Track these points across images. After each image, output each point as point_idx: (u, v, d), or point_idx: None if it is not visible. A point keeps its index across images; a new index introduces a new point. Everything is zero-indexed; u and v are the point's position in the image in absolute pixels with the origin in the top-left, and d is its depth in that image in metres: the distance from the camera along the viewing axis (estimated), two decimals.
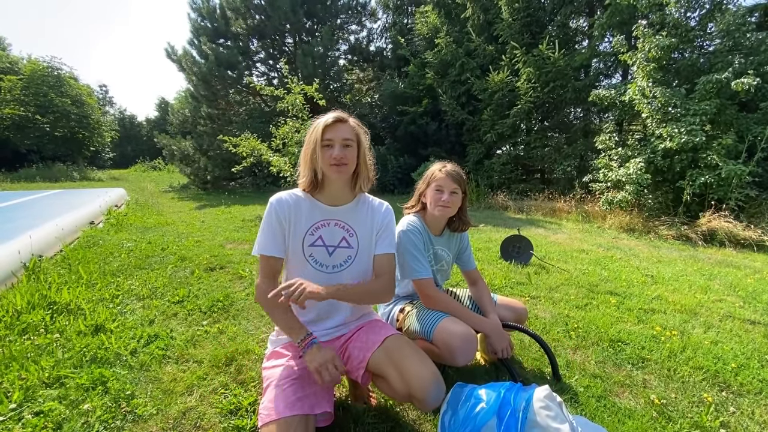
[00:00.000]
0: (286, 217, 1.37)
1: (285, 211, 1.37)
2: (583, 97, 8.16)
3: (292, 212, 1.38)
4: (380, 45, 16.20)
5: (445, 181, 1.72)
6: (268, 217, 1.38)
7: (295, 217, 1.39)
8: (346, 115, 1.37)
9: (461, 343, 1.49)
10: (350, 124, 1.37)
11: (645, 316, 2.71)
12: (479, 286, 1.96)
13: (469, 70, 10.17)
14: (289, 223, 1.38)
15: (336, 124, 1.33)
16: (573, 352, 2.18)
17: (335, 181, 1.38)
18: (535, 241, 5.26)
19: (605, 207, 6.62)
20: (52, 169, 18.09)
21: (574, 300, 2.98)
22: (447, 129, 11.34)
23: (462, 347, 1.49)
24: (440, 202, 1.72)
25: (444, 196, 1.71)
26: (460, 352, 1.49)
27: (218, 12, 13.60)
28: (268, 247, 1.36)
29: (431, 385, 1.23)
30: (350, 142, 1.34)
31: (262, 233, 1.37)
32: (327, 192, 1.42)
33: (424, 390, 1.22)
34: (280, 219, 1.37)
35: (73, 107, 20.79)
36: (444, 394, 1.28)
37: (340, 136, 1.32)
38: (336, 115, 1.34)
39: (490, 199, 9.34)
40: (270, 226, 1.37)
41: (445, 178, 1.72)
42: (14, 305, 2.28)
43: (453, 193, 1.73)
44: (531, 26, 9.35)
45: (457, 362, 1.51)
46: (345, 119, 1.36)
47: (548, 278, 3.53)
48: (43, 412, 1.46)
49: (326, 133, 1.32)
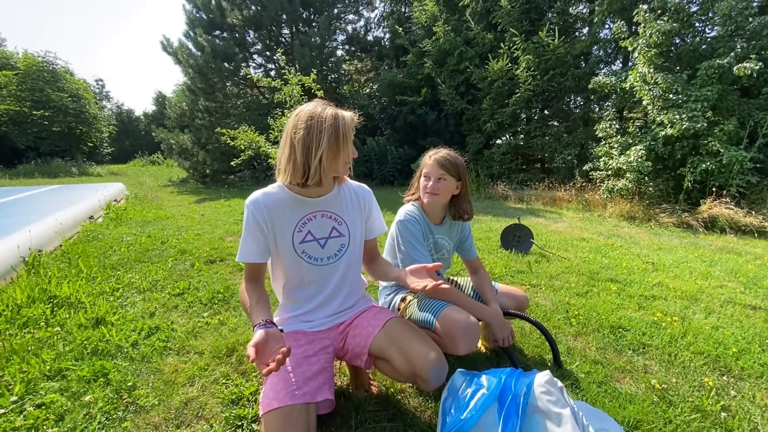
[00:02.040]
0: (265, 219, 1.31)
1: (263, 213, 1.31)
2: (583, 85, 8.08)
3: (272, 213, 1.33)
4: (378, 35, 16.04)
5: (432, 168, 1.71)
6: (246, 222, 1.32)
7: (278, 217, 1.33)
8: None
9: (463, 332, 1.49)
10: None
11: (646, 303, 2.71)
12: (480, 275, 1.95)
13: (468, 59, 10.06)
14: (271, 225, 1.32)
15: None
16: (574, 338, 2.18)
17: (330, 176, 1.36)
18: (535, 230, 5.26)
19: (606, 195, 6.61)
20: (51, 164, 18.02)
21: (574, 288, 2.98)
22: (446, 119, 11.26)
23: (464, 336, 1.48)
24: (427, 189, 1.71)
25: (430, 183, 1.70)
26: (463, 340, 1.48)
27: (213, 3, 13.39)
28: (250, 255, 1.32)
29: (435, 364, 1.25)
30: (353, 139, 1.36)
31: (243, 240, 1.32)
32: (311, 186, 1.34)
33: (428, 369, 1.24)
34: (259, 222, 1.31)
35: (70, 102, 20.65)
36: (446, 374, 1.29)
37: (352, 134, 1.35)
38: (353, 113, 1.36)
39: (490, 189, 9.31)
40: (249, 232, 1.32)
41: (432, 164, 1.71)
42: (14, 299, 2.28)
43: (440, 179, 1.70)
44: (530, 13, 9.23)
45: (459, 351, 1.50)
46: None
47: (549, 266, 3.53)
48: (44, 404, 1.46)
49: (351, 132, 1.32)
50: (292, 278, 1.43)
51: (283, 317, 1.47)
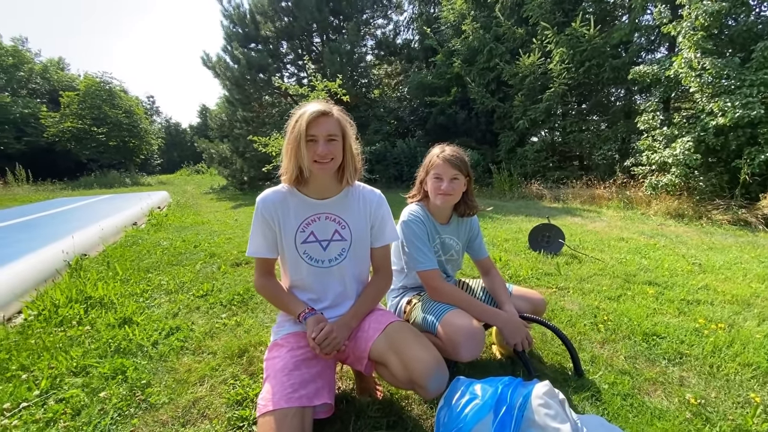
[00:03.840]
0: (273, 216, 1.35)
1: (270, 210, 1.35)
2: (623, 75, 7.59)
3: (279, 211, 1.36)
4: (407, 37, 16.02)
5: (444, 168, 1.62)
6: (255, 218, 1.37)
7: (283, 215, 1.36)
8: (329, 107, 1.31)
9: (465, 338, 1.41)
10: (335, 117, 1.31)
11: (687, 308, 2.47)
12: (492, 276, 1.85)
13: (498, 56, 9.79)
14: (278, 222, 1.36)
15: (319, 118, 1.26)
16: (600, 346, 2.02)
17: (320, 176, 1.34)
18: (569, 230, 5.00)
19: (649, 192, 6.16)
20: (108, 176, 19.58)
21: (606, 291, 2.77)
22: (477, 117, 11.01)
23: (466, 342, 1.41)
24: (440, 191, 1.63)
25: (443, 185, 1.62)
26: (465, 346, 1.41)
27: (248, 17, 13.99)
28: (259, 250, 1.38)
29: (433, 371, 1.19)
30: (335, 137, 1.29)
31: (252, 235, 1.38)
32: (313, 186, 1.38)
33: (425, 376, 1.18)
34: (267, 219, 1.35)
35: (123, 117, 22.32)
36: (446, 382, 1.23)
37: (324, 131, 1.26)
38: (319, 109, 1.26)
39: (523, 188, 8.99)
40: (258, 228, 1.37)
41: (443, 164, 1.62)
42: (53, 300, 2.46)
43: (453, 179, 1.63)
44: (563, 4, 8.82)
45: (461, 357, 1.43)
46: (329, 112, 1.29)
47: (580, 268, 3.32)
48: (65, 399, 1.56)
49: (310, 128, 1.25)
50: (294, 279, 1.44)
51: (286, 318, 1.47)
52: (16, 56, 22.53)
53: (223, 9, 14.22)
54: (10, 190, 13.63)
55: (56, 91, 23.12)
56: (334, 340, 1.27)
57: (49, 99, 23.24)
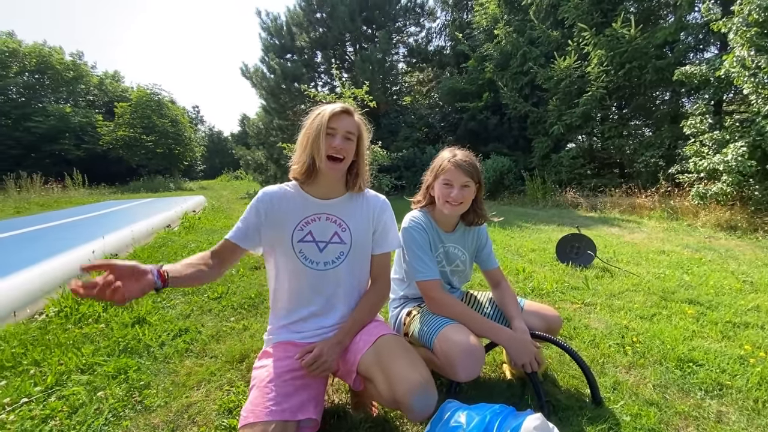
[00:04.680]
0: (266, 209, 1.32)
1: (266, 204, 1.32)
2: (667, 77, 7.09)
3: (276, 206, 1.33)
4: (439, 44, 15.96)
5: (455, 174, 1.51)
6: (250, 207, 1.34)
7: (281, 211, 1.33)
8: (353, 108, 1.34)
9: (462, 355, 1.30)
10: (355, 119, 1.33)
11: (733, 332, 2.20)
12: (502, 289, 1.72)
13: (532, 59, 9.49)
14: (268, 216, 1.31)
15: (342, 114, 1.29)
16: (626, 370, 1.82)
17: (328, 175, 1.31)
18: (604, 241, 4.69)
19: (696, 201, 5.66)
20: (154, 181, 20.88)
21: (638, 308, 2.53)
22: (509, 123, 10.71)
23: (463, 360, 1.30)
24: (449, 199, 1.52)
25: (453, 192, 1.51)
26: (461, 365, 1.30)
27: (284, 29, 14.50)
28: (235, 236, 1.30)
29: (417, 391, 1.09)
30: (352, 136, 1.30)
31: (240, 221, 1.33)
32: (318, 185, 1.35)
33: (409, 395, 1.09)
34: (259, 211, 1.32)
35: (170, 126, 23.73)
36: (434, 404, 1.12)
37: (344, 127, 1.28)
38: (344, 106, 1.30)
39: (558, 196, 8.59)
40: (246, 218, 1.32)
41: (454, 170, 1.51)
42: (75, 297, 2.57)
43: (464, 187, 1.52)
44: (602, 4, 8.41)
45: (458, 376, 1.32)
46: (352, 112, 1.32)
47: (611, 283, 3.07)
48: (66, 396, 1.59)
49: (332, 121, 1.27)
50: (287, 280, 1.37)
51: (275, 326, 1.42)
52: (76, 70, 24.57)
53: (261, 22, 14.82)
54: (67, 193, 14.77)
55: (112, 102, 25.02)
56: (323, 364, 1.21)
57: (105, 110, 25.14)
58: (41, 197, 12.99)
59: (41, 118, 20.71)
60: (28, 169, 15.44)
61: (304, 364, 1.20)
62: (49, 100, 22.79)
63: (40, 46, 22.72)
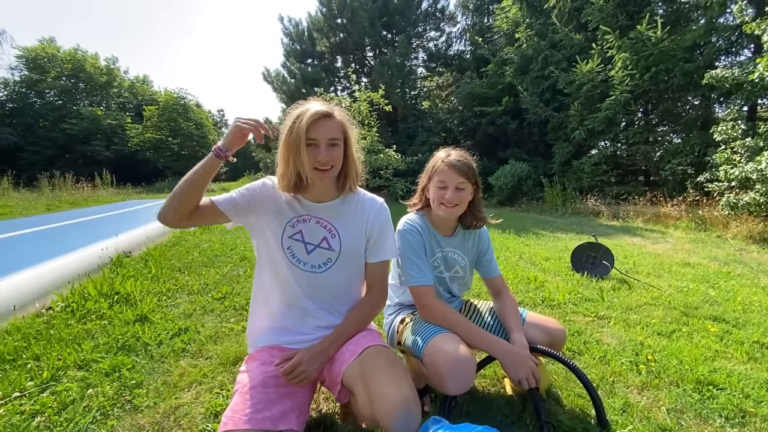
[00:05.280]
0: (264, 196, 1.27)
1: (267, 191, 1.27)
2: (696, 81, 6.78)
3: (274, 198, 1.28)
4: (459, 48, 15.87)
5: (449, 175, 1.44)
6: (249, 186, 1.28)
7: (277, 204, 1.28)
8: (331, 108, 1.20)
9: (451, 367, 1.23)
10: (336, 120, 1.21)
11: (760, 353, 2.03)
12: (503, 298, 1.62)
13: (554, 63, 9.27)
14: (263, 203, 1.27)
15: (320, 120, 1.15)
16: (638, 391, 1.70)
17: (318, 183, 1.24)
18: (624, 251, 4.49)
19: (726, 212, 5.35)
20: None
21: (656, 324, 2.38)
22: (529, 127, 10.49)
23: (452, 371, 1.22)
24: (443, 201, 1.45)
25: (447, 194, 1.44)
26: (450, 377, 1.22)
27: (306, 34, 14.74)
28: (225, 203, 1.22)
29: (397, 412, 1.02)
30: (337, 141, 1.19)
31: (234, 191, 1.27)
32: (310, 190, 1.28)
33: (389, 416, 1.02)
34: (256, 193, 1.26)
35: (194, 129, 24.43)
36: (416, 425, 1.05)
37: (325, 135, 1.16)
38: (320, 110, 1.16)
39: (578, 203, 8.33)
40: (243, 192, 1.26)
41: (449, 170, 1.44)
42: (83, 294, 2.62)
43: (459, 189, 1.45)
44: (627, 5, 8.14)
45: (447, 389, 1.24)
46: (331, 114, 1.18)
47: (629, 296, 2.91)
48: (58, 392, 1.60)
49: (310, 132, 1.15)
50: (274, 278, 1.31)
51: (260, 326, 1.36)
52: (109, 74, 25.68)
53: (284, 28, 15.14)
54: (96, 192, 15.34)
55: (141, 105, 26.00)
56: (301, 373, 1.15)
57: (135, 113, 26.13)
58: (72, 196, 13.54)
59: (75, 120, 21.72)
60: (61, 169, 16.19)
61: (282, 372, 1.15)
62: (83, 103, 23.87)
63: (76, 52, 23.86)
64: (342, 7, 13.59)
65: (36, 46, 22.34)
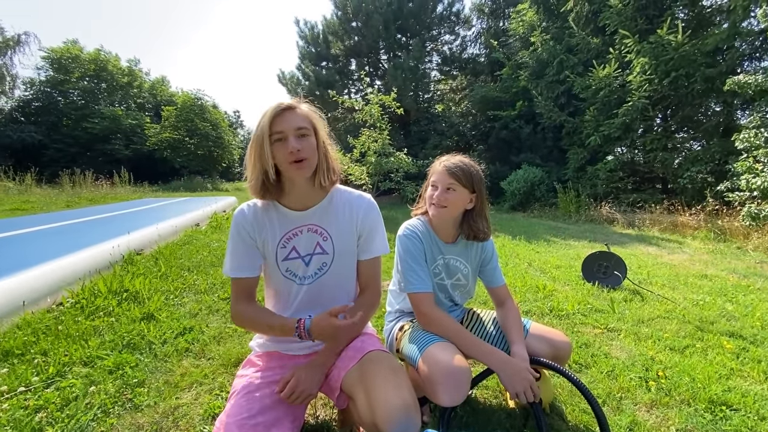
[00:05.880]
0: (253, 230, 1.24)
1: (250, 224, 1.24)
2: (718, 86, 6.58)
3: (258, 224, 1.25)
4: (474, 51, 15.77)
5: (440, 176, 1.45)
6: (233, 234, 1.25)
7: (262, 230, 1.25)
8: (295, 101, 1.19)
9: (444, 377, 1.20)
10: (302, 110, 1.16)
11: None
12: (507, 308, 1.59)
13: (570, 67, 9.13)
14: (258, 236, 1.25)
15: (284, 112, 1.13)
16: (646, 409, 1.64)
17: (297, 181, 1.20)
18: (638, 261, 4.38)
19: (747, 222, 5.17)
20: (193, 181, 21.91)
21: (669, 338, 2.30)
22: (543, 132, 10.35)
23: (446, 382, 1.20)
24: (432, 200, 1.45)
25: (436, 193, 1.44)
26: (443, 388, 1.19)
27: (321, 37, 14.85)
28: (239, 268, 1.24)
29: (397, 417, 1.00)
30: (306, 131, 1.14)
31: (229, 253, 1.25)
32: (291, 194, 1.24)
33: (388, 421, 1.00)
34: (249, 233, 1.24)
35: (210, 130, 24.84)
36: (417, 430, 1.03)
37: (292, 125, 1.12)
38: (284, 103, 1.14)
39: (592, 210, 8.16)
40: (237, 245, 1.24)
41: (441, 172, 1.45)
42: (93, 291, 2.67)
43: (449, 189, 1.43)
44: (647, 9, 7.96)
45: (440, 400, 1.21)
46: (293, 106, 1.15)
47: (641, 308, 2.83)
48: (62, 388, 1.62)
49: (275, 125, 1.11)
50: (276, 295, 1.34)
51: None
52: (131, 75, 26.34)
53: (299, 30, 15.27)
54: (114, 190, 15.71)
55: (159, 105, 26.57)
56: (302, 393, 1.13)
57: (153, 113, 26.71)
58: (91, 193, 13.91)
59: (97, 120, 22.32)
60: (82, 166, 16.67)
61: (283, 397, 1.12)
62: (104, 102, 24.53)
63: (99, 53, 24.53)
64: (357, 10, 13.65)
65: (61, 47, 23.05)
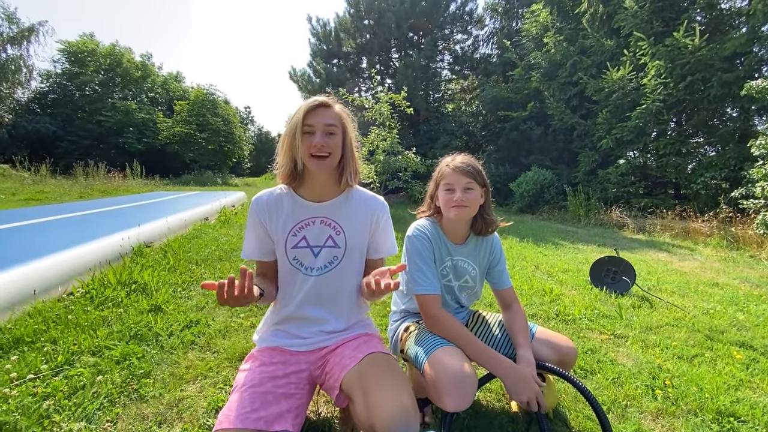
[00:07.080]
0: (265, 217, 1.28)
1: (264, 211, 1.29)
2: (735, 92, 6.45)
3: (273, 212, 1.29)
4: (486, 51, 15.66)
5: (455, 177, 1.43)
6: (249, 220, 1.31)
7: (276, 217, 1.29)
8: (332, 100, 1.24)
9: (450, 383, 1.19)
10: (335, 110, 1.22)
11: None
12: (513, 312, 1.57)
13: (583, 69, 9.03)
14: (270, 223, 1.29)
15: (318, 108, 1.19)
16: (652, 418, 1.62)
17: (317, 174, 1.24)
18: (648, 267, 4.32)
19: (762, 230, 5.07)
20: (204, 175, 22.10)
21: (677, 347, 2.26)
22: (554, 134, 10.25)
23: (452, 387, 1.19)
24: (453, 203, 1.43)
25: (456, 195, 1.42)
26: (449, 393, 1.19)
27: (333, 35, 14.87)
28: (252, 251, 1.31)
29: (394, 421, 1.00)
30: (334, 129, 1.20)
31: (246, 238, 1.32)
32: (309, 186, 1.29)
33: (387, 424, 1.00)
34: (262, 220, 1.28)
35: (221, 125, 25.03)
36: None
37: (322, 121, 1.18)
38: (319, 99, 1.20)
39: (602, 214, 8.07)
40: (250, 230, 1.31)
41: (453, 173, 1.44)
42: (103, 282, 2.72)
43: (467, 189, 1.43)
44: (663, 12, 7.83)
45: (445, 405, 1.21)
46: (329, 104, 1.21)
47: (650, 315, 2.79)
48: (70, 376, 1.65)
49: (307, 118, 1.18)
50: (283, 284, 1.34)
51: (269, 325, 1.38)
52: (144, 70, 26.65)
53: (311, 28, 15.31)
54: (126, 182, 15.94)
55: (172, 100, 26.85)
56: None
57: (166, 107, 27.00)
58: (104, 185, 14.13)
59: (110, 113, 22.64)
60: (95, 159, 16.93)
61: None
62: (118, 96, 24.86)
63: (114, 48, 24.87)
64: (369, 8, 13.65)
65: (78, 41, 23.41)
